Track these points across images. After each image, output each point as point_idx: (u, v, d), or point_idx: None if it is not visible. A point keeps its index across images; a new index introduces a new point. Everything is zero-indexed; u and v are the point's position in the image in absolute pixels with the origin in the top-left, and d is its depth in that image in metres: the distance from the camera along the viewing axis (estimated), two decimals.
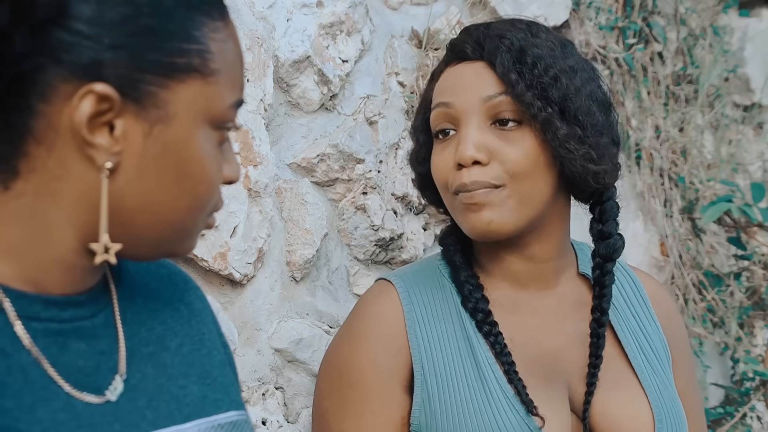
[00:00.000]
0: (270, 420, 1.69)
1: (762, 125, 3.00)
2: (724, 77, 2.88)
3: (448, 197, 1.51)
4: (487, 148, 1.46)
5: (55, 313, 1.01)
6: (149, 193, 0.99)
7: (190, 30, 0.99)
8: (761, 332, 2.81)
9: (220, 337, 1.20)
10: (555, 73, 1.47)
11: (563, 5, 2.39)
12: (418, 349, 1.49)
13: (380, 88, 1.93)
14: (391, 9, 2.03)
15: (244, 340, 1.68)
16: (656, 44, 2.66)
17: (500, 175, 1.46)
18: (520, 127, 1.47)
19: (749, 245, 2.72)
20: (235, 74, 1.04)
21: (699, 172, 2.68)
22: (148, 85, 0.97)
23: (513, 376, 1.46)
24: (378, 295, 1.54)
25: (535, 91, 1.45)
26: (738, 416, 2.60)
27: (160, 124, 0.98)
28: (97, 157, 0.97)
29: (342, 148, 1.83)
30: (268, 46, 1.74)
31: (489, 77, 1.48)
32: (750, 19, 2.99)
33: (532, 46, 1.48)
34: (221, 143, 1.04)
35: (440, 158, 1.51)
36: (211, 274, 1.63)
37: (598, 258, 1.56)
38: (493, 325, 1.50)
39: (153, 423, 1.04)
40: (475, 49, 1.50)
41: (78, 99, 0.95)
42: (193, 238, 1.06)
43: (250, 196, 1.67)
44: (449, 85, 1.51)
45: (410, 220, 1.96)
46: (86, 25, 0.95)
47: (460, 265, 1.54)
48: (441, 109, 1.50)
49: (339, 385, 1.50)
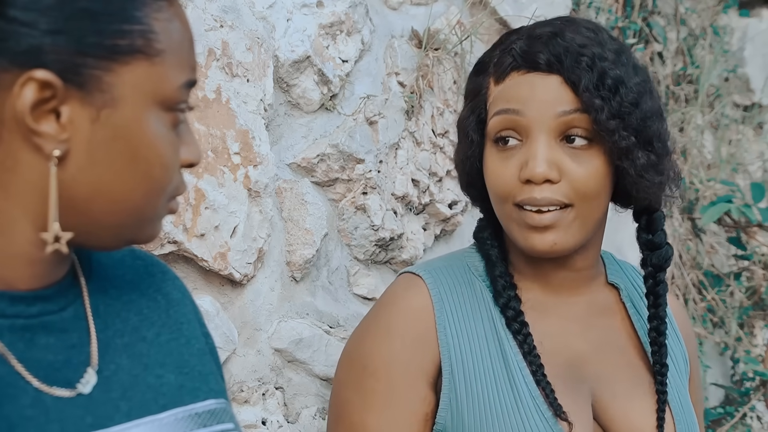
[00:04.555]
0: (270, 420, 1.69)
1: (762, 125, 3.00)
2: (724, 77, 2.89)
3: (507, 208, 1.46)
4: (557, 165, 1.43)
5: (21, 309, 1.00)
6: (102, 179, 0.98)
7: (131, 11, 0.97)
8: (761, 332, 2.81)
9: (200, 326, 1.19)
10: (634, 97, 1.44)
11: (563, 5, 2.39)
12: (447, 347, 1.46)
13: (380, 88, 1.93)
14: (391, 9, 2.03)
15: (244, 340, 1.68)
16: (656, 44, 2.66)
17: (569, 194, 1.43)
18: (590, 145, 1.44)
19: (749, 245, 2.72)
20: (183, 54, 1.02)
21: (699, 172, 2.68)
22: (91, 69, 0.95)
23: (541, 379, 1.44)
24: (407, 289, 1.50)
25: (619, 120, 1.42)
26: (738, 416, 2.60)
27: (106, 109, 0.96)
28: (45, 145, 0.95)
29: (342, 148, 1.83)
30: (268, 46, 1.74)
31: (565, 93, 1.44)
32: (750, 19, 2.99)
33: (611, 65, 1.44)
34: (175, 125, 1.02)
35: (502, 169, 1.46)
36: (211, 274, 1.63)
37: (650, 267, 1.55)
38: (524, 324, 1.47)
39: (127, 414, 1.03)
40: (552, 62, 1.44)
41: (19, 87, 0.93)
42: (155, 223, 1.04)
43: (250, 196, 1.67)
44: (520, 94, 1.46)
45: (410, 220, 1.96)
46: (21, 11, 0.93)
47: (496, 261, 1.51)
48: (508, 116, 1.45)
49: (361, 376, 1.47)
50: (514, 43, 1.48)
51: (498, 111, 1.47)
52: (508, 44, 1.49)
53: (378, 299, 1.55)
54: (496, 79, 1.49)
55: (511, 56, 1.47)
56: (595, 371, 1.50)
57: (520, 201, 1.44)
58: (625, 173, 1.45)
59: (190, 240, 1.58)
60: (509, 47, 1.49)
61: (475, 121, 1.50)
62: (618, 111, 1.42)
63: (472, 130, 1.50)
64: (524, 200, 1.43)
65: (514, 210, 1.45)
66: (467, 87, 1.55)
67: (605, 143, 1.43)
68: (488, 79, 1.50)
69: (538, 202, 1.43)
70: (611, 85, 1.43)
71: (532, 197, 1.43)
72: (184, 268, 1.60)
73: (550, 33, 1.47)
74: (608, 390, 1.49)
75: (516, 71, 1.47)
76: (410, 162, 1.94)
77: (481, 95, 1.50)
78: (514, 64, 1.47)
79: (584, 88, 1.42)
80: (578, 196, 1.43)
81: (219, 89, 1.64)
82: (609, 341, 1.53)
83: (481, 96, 1.50)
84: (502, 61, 1.48)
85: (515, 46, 1.48)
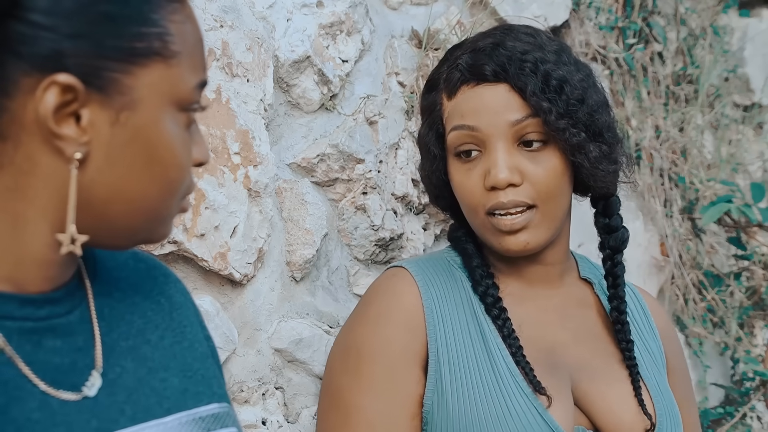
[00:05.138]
0: (270, 420, 1.69)
1: (762, 125, 3.00)
2: (724, 77, 2.88)
3: (480, 218, 1.54)
4: (518, 169, 1.51)
5: (30, 312, 1.00)
6: (120, 181, 0.99)
7: (148, 13, 0.98)
8: (761, 332, 2.81)
9: (202, 329, 1.19)
10: (579, 94, 1.51)
11: (563, 5, 2.39)
12: (434, 331, 1.52)
13: (380, 88, 1.93)
14: (391, 9, 2.03)
15: (244, 340, 1.68)
16: (656, 44, 2.66)
17: (532, 195, 1.51)
18: (545, 147, 1.52)
19: (749, 245, 2.72)
20: (197, 55, 1.03)
21: (699, 172, 2.68)
22: (111, 72, 0.96)
23: (521, 359, 1.50)
24: (392, 278, 1.57)
25: (568, 118, 1.50)
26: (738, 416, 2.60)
27: (126, 111, 0.97)
28: (66, 148, 0.96)
29: (342, 148, 1.82)
30: (268, 46, 1.74)
31: (514, 100, 1.51)
32: (750, 19, 2.99)
33: (554, 66, 1.52)
34: (189, 125, 1.03)
35: (467, 180, 1.54)
36: (211, 274, 1.63)
37: (608, 250, 1.63)
38: (503, 310, 1.54)
39: (132, 417, 1.03)
40: (497, 72, 1.52)
41: (42, 91, 0.94)
42: (168, 223, 1.05)
43: (250, 196, 1.67)
44: (471, 108, 1.53)
45: (410, 220, 1.96)
46: (43, 15, 0.94)
47: (472, 253, 1.59)
48: (464, 132, 1.53)
49: (356, 361, 1.52)
50: (460, 58, 1.56)
51: (454, 127, 1.54)
52: (454, 60, 1.57)
53: (366, 291, 1.61)
54: (448, 95, 1.56)
55: (459, 71, 1.55)
56: (573, 358, 1.56)
57: (489, 208, 1.52)
58: (580, 167, 1.53)
59: (190, 240, 1.58)
60: (455, 62, 1.56)
61: (435, 136, 1.58)
62: (566, 110, 1.50)
63: (433, 146, 1.58)
64: (493, 206, 1.51)
65: (487, 219, 1.53)
66: (422, 104, 1.62)
67: (558, 141, 1.51)
68: (440, 95, 1.57)
69: (505, 205, 1.50)
70: (556, 86, 1.50)
71: (499, 202, 1.51)
72: (184, 268, 1.60)
73: (492, 44, 1.54)
74: (587, 375, 1.54)
75: (465, 85, 1.54)
76: (410, 162, 1.94)
77: (436, 111, 1.58)
78: (462, 78, 1.54)
79: (531, 93, 1.49)
80: (541, 197, 1.51)
81: (219, 89, 1.64)
82: (586, 330, 1.60)
83: (436, 112, 1.58)
84: (450, 77, 1.56)
85: (461, 61, 1.55)
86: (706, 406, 2.63)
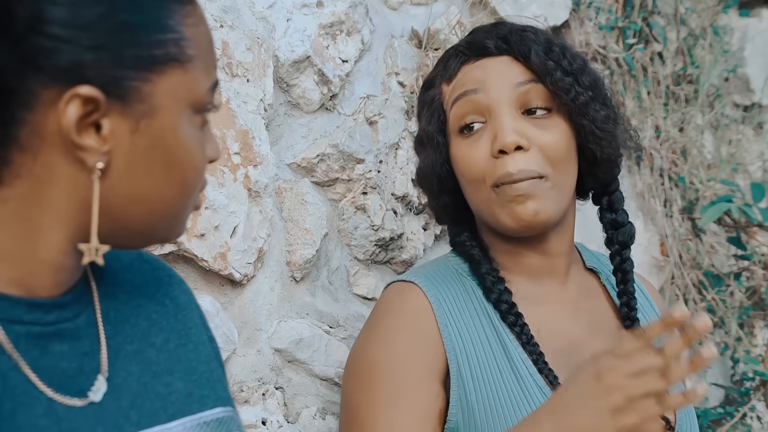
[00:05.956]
0: (270, 420, 1.69)
1: (762, 125, 3.00)
2: (724, 77, 2.88)
3: (484, 192, 1.49)
4: (525, 134, 1.47)
5: (39, 316, 1.00)
6: (140, 186, 0.99)
7: (164, 19, 0.98)
8: (761, 332, 2.81)
9: (206, 330, 1.19)
10: (581, 62, 1.52)
11: (563, 5, 2.39)
12: (452, 346, 1.47)
13: (380, 88, 1.93)
14: (391, 9, 2.03)
15: (244, 340, 1.68)
16: (656, 44, 2.66)
17: (541, 163, 1.47)
18: (550, 114, 1.50)
19: (749, 245, 2.72)
20: (210, 56, 1.03)
21: (699, 172, 2.68)
22: (131, 80, 0.96)
23: (543, 367, 1.47)
24: (402, 293, 1.52)
25: (573, 76, 1.49)
26: (738, 416, 2.60)
27: (145, 119, 0.97)
28: (88, 158, 0.96)
29: (342, 148, 1.82)
30: (268, 46, 1.74)
31: (517, 67, 1.50)
32: (750, 19, 2.99)
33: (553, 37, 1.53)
34: (203, 126, 1.04)
35: (471, 152, 1.50)
36: (211, 274, 1.63)
37: (617, 245, 1.60)
38: (519, 316, 1.50)
39: (137, 423, 1.03)
40: (499, 44, 1.51)
41: (64, 104, 0.94)
42: (184, 222, 1.06)
43: (250, 196, 1.67)
44: (474, 77, 1.51)
45: (410, 220, 1.96)
46: (63, 28, 0.94)
47: (479, 259, 1.54)
48: (468, 98, 1.50)
49: (369, 379, 1.47)
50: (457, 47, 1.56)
51: (457, 97, 1.51)
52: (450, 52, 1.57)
53: (374, 309, 1.56)
54: (447, 81, 1.55)
55: (457, 55, 1.54)
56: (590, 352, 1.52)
57: (496, 180, 1.47)
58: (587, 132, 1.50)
59: (190, 240, 1.58)
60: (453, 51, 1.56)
61: (437, 124, 1.54)
62: (570, 69, 1.49)
63: (436, 133, 1.54)
64: (500, 177, 1.46)
65: (492, 192, 1.48)
66: (419, 105, 1.59)
67: (564, 106, 1.49)
68: (439, 87, 1.55)
69: (514, 176, 1.46)
70: (558, 51, 1.50)
71: (507, 172, 1.46)
72: (184, 268, 1.60)
73: (490, 24, 1.56)
74: None
75: (465, 64, 1.53)
76: (410, 162, 1.94)
77: (436, 101, 1.55)
78: (462, 59, 1.53)
79: (534, 56, 1.48)
80: (550, 164, 1.47)
81: (219, 89, 1.64)
82: (599, 322, 1.58)
83: (436, 102, 1.55)
84: (448, 66, 1.55)
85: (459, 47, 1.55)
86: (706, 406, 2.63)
